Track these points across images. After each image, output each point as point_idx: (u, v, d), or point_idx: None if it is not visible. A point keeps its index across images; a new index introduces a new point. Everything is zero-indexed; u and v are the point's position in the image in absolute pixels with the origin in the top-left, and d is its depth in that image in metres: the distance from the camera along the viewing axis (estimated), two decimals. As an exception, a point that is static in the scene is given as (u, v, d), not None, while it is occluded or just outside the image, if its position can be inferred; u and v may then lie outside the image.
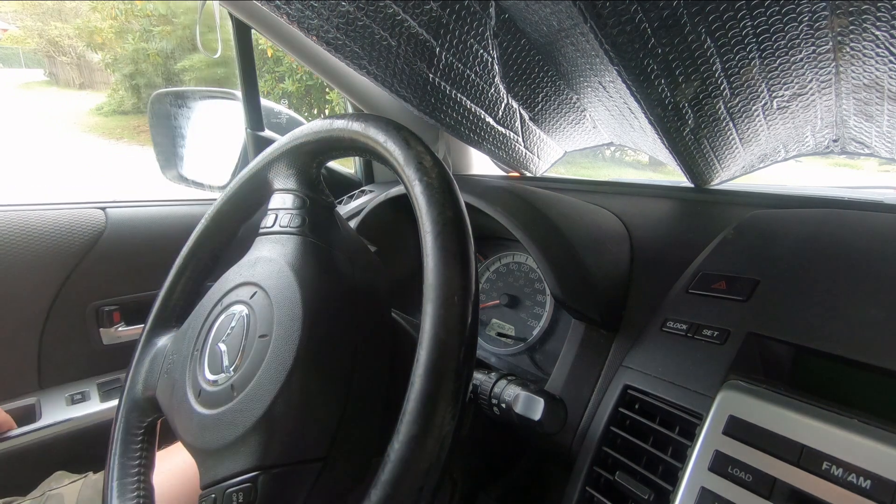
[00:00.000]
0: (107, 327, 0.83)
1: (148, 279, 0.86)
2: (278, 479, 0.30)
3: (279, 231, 0.39)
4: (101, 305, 0.83)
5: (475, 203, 0.55)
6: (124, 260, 0.85)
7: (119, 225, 0.85)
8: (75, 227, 0.80)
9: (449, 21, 0.60)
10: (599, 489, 0.41)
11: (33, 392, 0.78)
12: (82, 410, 0.76)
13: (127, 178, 5.30)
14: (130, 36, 7.59)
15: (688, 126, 0.55)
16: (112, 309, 0.83)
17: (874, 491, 0.26)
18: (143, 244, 0.87)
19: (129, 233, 0.86)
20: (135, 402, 0.43)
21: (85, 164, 6.11)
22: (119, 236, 0.84)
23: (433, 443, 0.26)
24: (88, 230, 0.81)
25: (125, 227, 0.86)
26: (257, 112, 0.97)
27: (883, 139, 0.56)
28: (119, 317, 0.84)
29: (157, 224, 0.90)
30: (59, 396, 0.78)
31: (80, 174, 5.68)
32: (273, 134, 1.00)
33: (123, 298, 0.85)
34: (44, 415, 0.75)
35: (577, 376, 0.50)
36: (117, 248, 0.84)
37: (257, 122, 0.98)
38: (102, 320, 0.83)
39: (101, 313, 0.83)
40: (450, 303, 0.27)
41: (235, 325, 0.36)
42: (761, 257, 0.45)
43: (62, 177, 5.42)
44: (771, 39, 0.45)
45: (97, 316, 0.82)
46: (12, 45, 9.57)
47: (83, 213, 0.83)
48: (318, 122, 0.40)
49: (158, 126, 1.07)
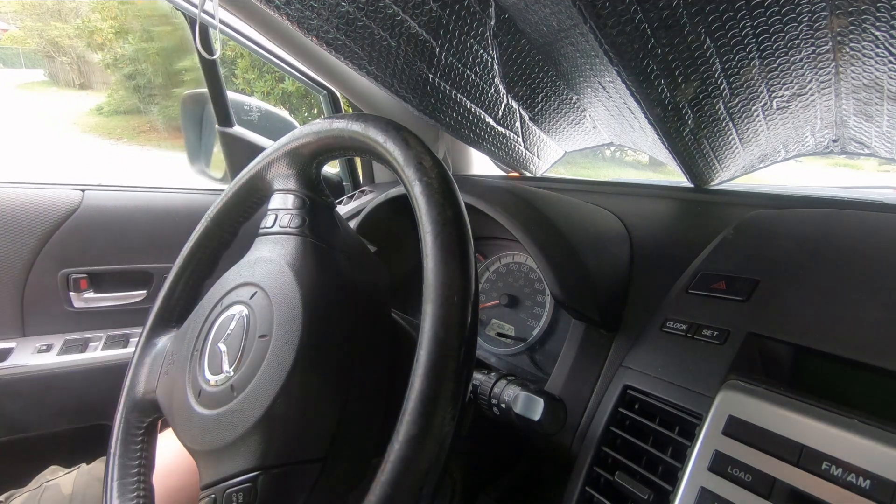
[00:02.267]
0: (76, 292, 0.95)
1: (116, 254, 0.98)
2: (278, 479, 0.30)
3: (279, 231, 0.39)
4: (71, 273, 0.94)
5: (475, 203, 0.55)
6: (95, 235, 0.96)
7: (94, 204, 0.96)
8: (53, 203, 0.92)
9: (449, 21, 0.60)
10: (599, 489, 0.41)
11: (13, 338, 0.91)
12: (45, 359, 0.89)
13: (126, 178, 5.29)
14: (130, 36, 7.59)
15: (688, 126, 0.55)
16: (80, 276, 0.95)
17: (874, 491, 0.26)
18: (114, 223, 0.98)
19: (102, 212, 0.97)
20: (135, 402, 0.43)
21: (84, 165, 6.12)
22: (92, 214, 0.95)
23: (433, 443, 0.26)
24: (65, 206, 0.93)
25: (100, 206, 0.97)
26: (224, 108, 0.99)
27: (883, 139, 0.56)
28: (86, 284, 0.96)
29: (130, 206, 1.00)
30: (30, 345, 0.91)
31: (79, 174, 5.67)
32: (242, 130, 1.03)
33: (92, 269, 0.96)
34: (12, 357, 0.88)
35: (577, 376, 0.50)
36: (89, 224, 0.95)
37: (225, 118, 1.00)
38: (72, 286, 0.94)
39: (70, 280, 0.94)
40: (450, 303, 0.27)
41: (235, 326, 0.36)
42: (761, 257, 0.45)
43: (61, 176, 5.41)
44: (771, 40, 0.45)
45: (67, 282, 0.94)
46: (12, 45, 9.56)
47: (63, 192, 0.94)
48: (317, 123, 0.40)
49: (187, 123, 1.15)
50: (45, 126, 7.57)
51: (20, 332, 0.91)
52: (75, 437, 0.93)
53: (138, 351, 0.46)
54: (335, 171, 1.21)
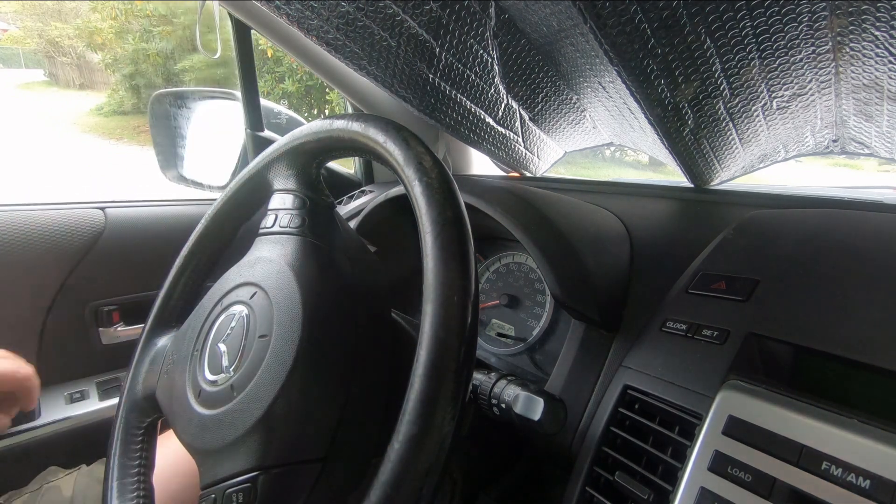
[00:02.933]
0: (106, 327, 0.84)
1: (147, 279, 0.87)
2: (278, 479, 0.30)
3: (279, 231, 0.39)
4: (101, 305, 0.83)
5: (475, 203, 0.55)
6: (123, 260, 0.85)
7: (118, 225, 0.86)
8: (75, 228, 0.81)
9: (449, 21, 0.60)
10: (599, 489, 0.41)
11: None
12: (81, 409, 0.78)
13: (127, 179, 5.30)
14: (130, 36, 7.59)
15: (688, 126, 0.55)
16: (111, 309, 0.84)
17: (874, 491, 0.26)
18: (142, 244, 0.87)
19: (128, 233, 0.86)
20: (135, 402, 0.43)
21: (85, 165, 6.11)
22: (118, 236, 0.85)
23: (433, 443, 0.26)
24: (88, 230, 0.82)
25: (124, 227, 0.86)
26: (257, 112, 0.97)
27: (882, 139, 0.56)
28: (118, 317, 0.85)
29: (156, 224, 0.90)
30: (58, 395, 0.79)
31: (80, 175, 5.68)
32: (272, 134, 1.00)
33: (122, 298, 0.86)
34: (43, 413, 0.76)
35: (577, 376, 0.50)
36: (116, 249, 0.85)
37: (257, 122, 0.98)
38: (102, 320, 0.84)
39: (100, 313, 0.83)
40: (450, 303, 0.27)
41: (235, 326, 0.36)
42: (761, 257, 0.45)
43: (62, 177, 5.42)
44: (771, 40, 0.45)
45: (96, 316, 0.83)
46: (12, 46, 9.56)
47: (83, 213, 0.83)
48: (317, 123, 0.40)
49: (158, 126, 1.08)
50: (44, 126, 7.56)
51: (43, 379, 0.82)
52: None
53: (138, 351, 0.46)
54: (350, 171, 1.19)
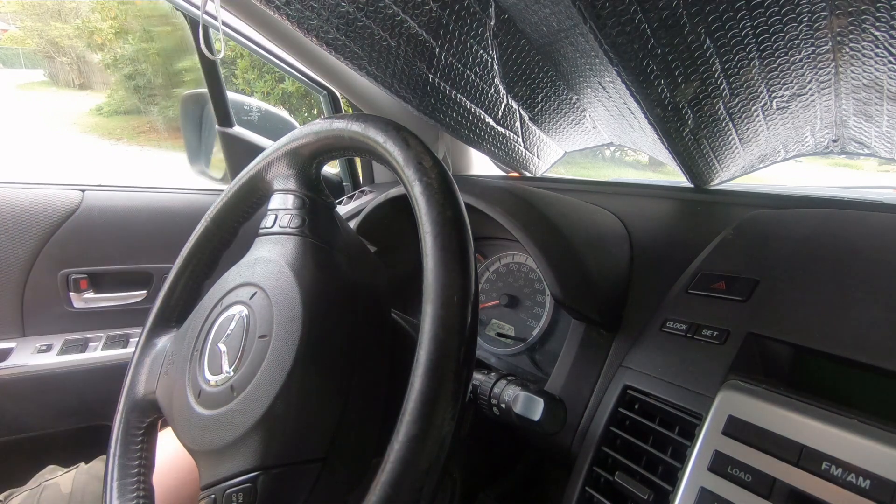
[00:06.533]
0: (76, 292, 0.95)
1: (116, 255, 0.98)
2: (278, 479, 0.30)
3: (279, 231, 0.39)
4: (71, 273, 0.94)
5: (475, 203, 0.54)
6: (96, 236, 0.96)
7: (94, 204, 0.96)
8: (53, 203, 0.93)
9: (449, 21, 0.60)
10: (599, 489, 0.41)
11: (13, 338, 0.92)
12: (44, 360, 0.90)
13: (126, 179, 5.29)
14: (130, 36, 7.58)
15: (687, 126, 0.55)
16: (79, 277, 0.95)
17: (873, 491, 0.26)
18: (113, 223, 0.98)
19: (104, 213, 0.97)
20: (135, 403, 0.43)
21: (84, 165, 6.11)
22: (92, 214, 0.96)
23: (433, 443, 0.26)
24: (64, 206, 0.94)
25: (99, 207, 0.97)
26: (224, 108, 0.99)
27: (882, 139, 0.56)
28: (86, 284, 0.96)
29: (129, 205, 1.01)
30: (30, 345, 0.91)
31: (79, 174, 5.68)
32: (241, 130, 1.03)
33: (91, 269, 0.97)
34: (14, 356, 0.88)
35: (577, 376, 0.50)
36: (90, 225, 0.95)
37: (225, 118, 1.00)
38: (72, 286, 0.95)
39: (70, 280, 0.94)
40: (450, 303, 0.27)
41: (235, 326, 0.36)
42: (761, 257, 0.45)
43: (61, 177, 5.41)
44: (770, 40, 0.45)
45: (67, 282, 0.94)
46: (12, 46, 9.55)
47: (62, 192, 0.94)
48: (317, 123, 0.40)
49: (187, 124, 1.15)
50: (44, 126, 7.56)
51: (20, 333, 0.92)
52: (75, 437, 0.93)
53: (138, 351, 0.46)
54: (335, 172, 1.21)
